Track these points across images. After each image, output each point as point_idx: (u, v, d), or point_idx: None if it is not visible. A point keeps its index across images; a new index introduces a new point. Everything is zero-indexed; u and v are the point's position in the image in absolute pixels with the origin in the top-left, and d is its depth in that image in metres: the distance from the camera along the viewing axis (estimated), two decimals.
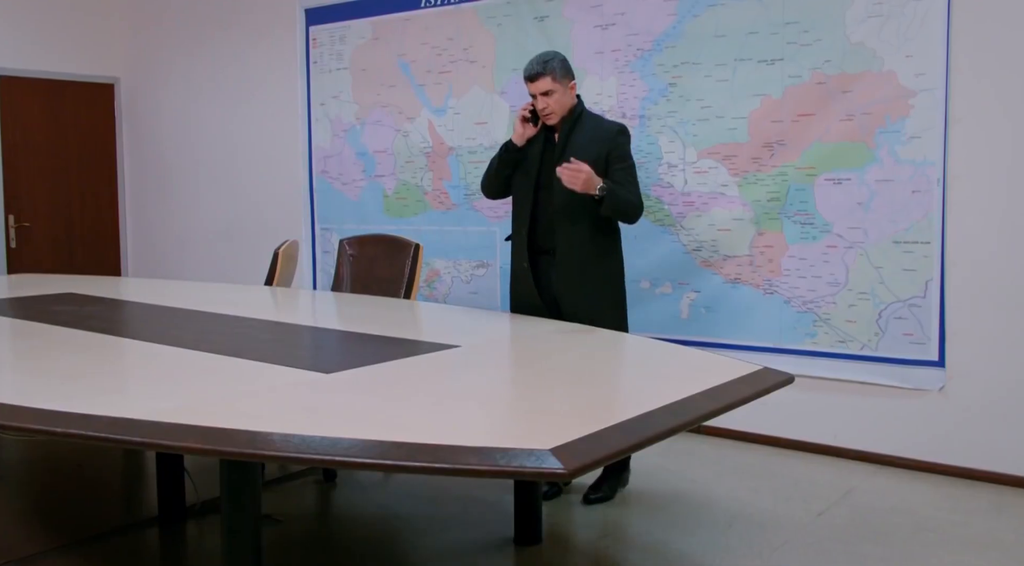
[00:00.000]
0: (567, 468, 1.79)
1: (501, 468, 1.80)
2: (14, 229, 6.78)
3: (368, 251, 4.48)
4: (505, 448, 1.87)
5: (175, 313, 3.69)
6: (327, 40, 5.92)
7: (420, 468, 1.82)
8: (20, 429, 2.14)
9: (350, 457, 1.86)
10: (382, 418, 2.15)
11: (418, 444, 1.90)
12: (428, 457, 1.84)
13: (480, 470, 1.81)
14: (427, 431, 2.02)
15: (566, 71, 3.68)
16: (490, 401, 2.30)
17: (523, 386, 2.45)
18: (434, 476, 3.18)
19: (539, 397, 2.34)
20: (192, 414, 2.14)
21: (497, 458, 1.82)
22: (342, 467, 1.89)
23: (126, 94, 7.32)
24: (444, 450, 1.87)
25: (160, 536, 3.49)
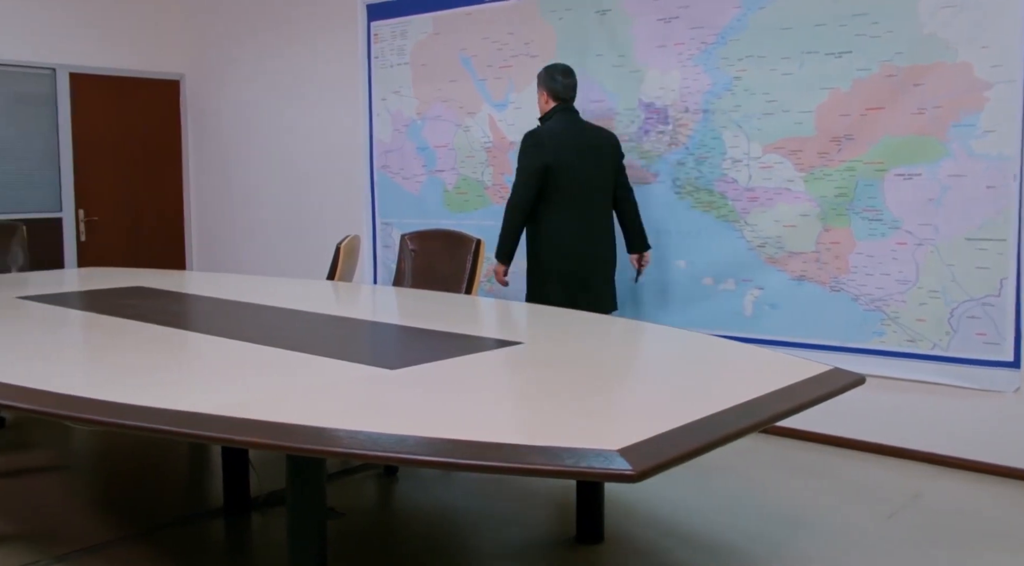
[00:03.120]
0: (635, 470, 1.76)
1: (568, 469, 1.78)
2: (84, 223, 6.93)
3: (429, 246, 4.49)
4: (572, 448, 1.85)
5: (240, 307, 3.73)
6: (388, 35, 5.95)
7: (487, 467, 1.81)
8: (92, 422, 2.17)
9: (417, 455, 1.86)
10: (447, 415, 2.14)
11: (485, 443, 1.89)
12: (495, 456, 1.83)
13: (547, 470, 1.79)
14: (493, 429, 2.01)
15: (541, 83, 4.50)
16: (555, 399, 2.28)
17: (588, 384, 2.42)
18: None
19: (605, 396, 2.32)
20: (259, 409, 2.15)
21: (564, 458, 1.80)
22: (408, 464, 1.89)
23: (191, 90, 7.44)
24: (511, 449, 1.86)
25: (225, 527, 3.53)
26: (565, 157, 4.32)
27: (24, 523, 3.50)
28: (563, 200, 4.36)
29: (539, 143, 4.33)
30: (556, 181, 4.32)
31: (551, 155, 4.31)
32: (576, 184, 4.36)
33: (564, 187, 4.34)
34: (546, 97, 4.46)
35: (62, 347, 3.16)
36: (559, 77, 4.43)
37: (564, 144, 4.34)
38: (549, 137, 4.35)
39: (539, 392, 2.35)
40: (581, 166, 4.37)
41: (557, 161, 4.31)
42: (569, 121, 4.43)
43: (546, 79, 4.45)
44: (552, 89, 4.44)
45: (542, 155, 4.31)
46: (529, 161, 4.33)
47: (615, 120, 4.92)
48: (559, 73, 4.44)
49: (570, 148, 4.35)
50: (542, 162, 4.30)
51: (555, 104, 4.44)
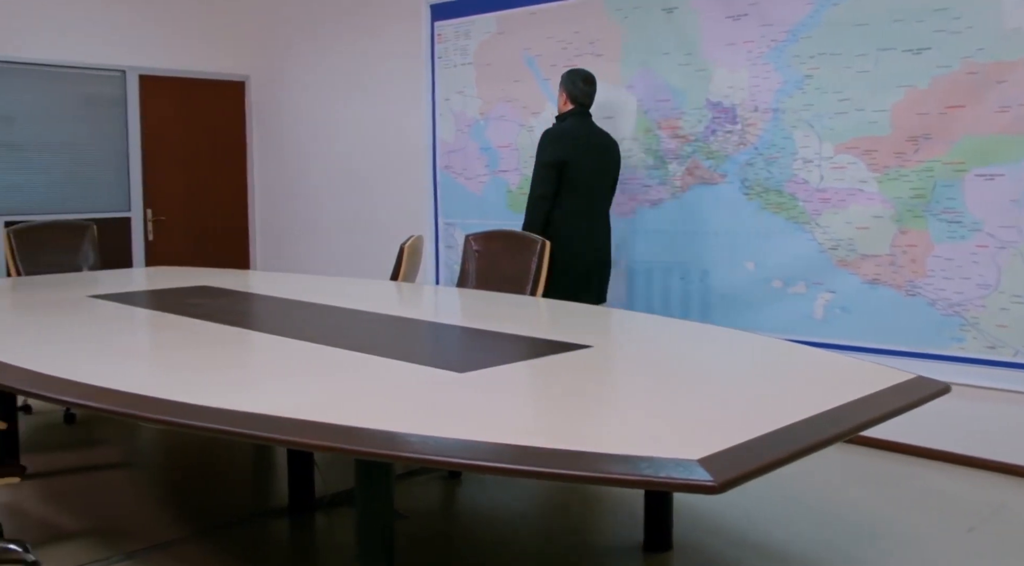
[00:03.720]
0: (717, 481, 1.70)
1: (646, 478, 1.72)
2: (151, 223, 7.03)
3: (494, 247, 4.45)
4: (650, 457, 1.79)
5: (305, 307, 3.73)
6: (452, 35, 5.93)
7: (562, 475, 1.76)
8: (162, 422, 2.17)
9: (489, 462, 1.82)
10: (518, 421, 2.10)
11: (559, 450, 1.84)
12: (570, 464, 1.78)
13: (625, 479, 1.73)
14: (566, 436, 1.96)
15: (563, 85, 4.71)
16: (628, 405, 2.22)
17: (661, 390, 2.36)
18: None
19: (679, 402, 2.25)
20: (327, 411, 2.13)
21: (642, 467, 1.75)
22: (481, 472, 1.84)
23: (256, 91, 7.51)
24: (586, 457, 1.81)
25: (289, 527, 3.53)
26: (578, 155, 4.56)
27: (94, 519, 3.54)
28: (574, 197, 4.58)
29: (556, 140, 4.57)
30: (569, 177, 4.55)
31: (566, 152, 4.54)
32: (586, 182, 4.60)
33: (576, 184, 4.57)
34: (565, 99, 4.71)
35: (131, 346, 3.19)
36: (580, 83, 4.67)
37: (577, 144, 4.58)
38: (564, 135, 4.58)
39: (611, 398, 2.30)
40: (591, 166, 4.61)
41: (571, 158, 4.54)
42: (583, 123, 4.66)
43: (568, 83, 4.69)
44: (572, 93, 4.68)
45: (558, 151, 4.54)
46: (547, 156, 4.56)
47: (681, 120, 4.84)
48: (581, 80, 4.67)
49: (582, 148, 4.59)
50: (558, 157, 4.53)
51: (572, 107, 4.68)
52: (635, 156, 5.05)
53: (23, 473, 2.93)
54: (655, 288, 5.04)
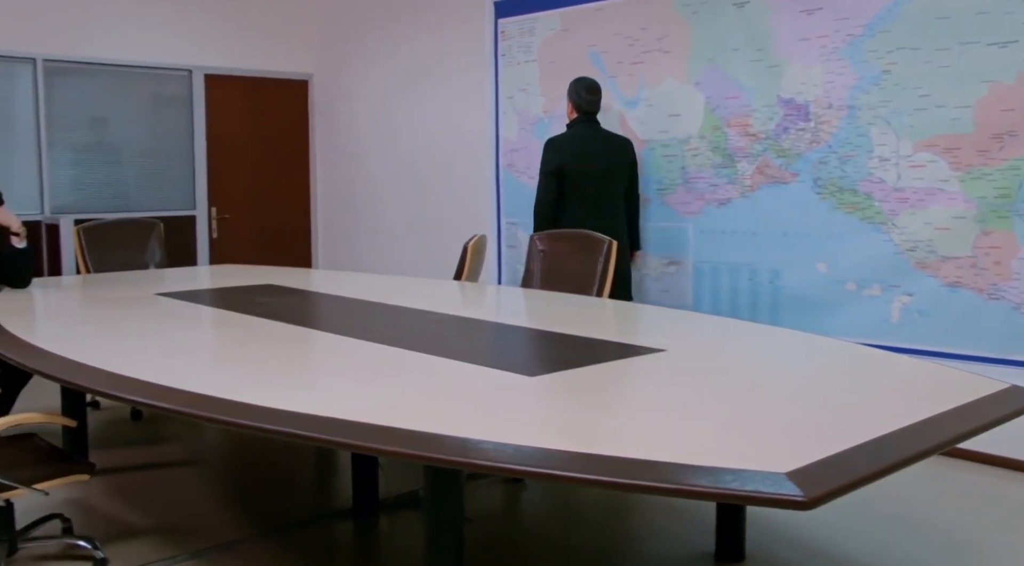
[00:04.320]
0: (807, 496, 1.61)
1: (733, 492, 1.64)
2: (216, 221, 7.09)
3: (560, 247, 4.38)
4: (735, 469, 1.71)
5: (371, 307, 3.70)
6: (516, 32, 5.87)
7: (644, 487, 1.69)
8: (228, 424, 2.14)
9: (568, 472, 1.75)
10: (594, 428, 2.03)
11: (639, 460, 1.77)
12: (652, 475, 1.70)
13: (709, 492, 1.66)
14: (644, 444, 1.88)
15: (568, 95, 4.94)
16: (707, 413, 2.14)
17: (741, 397, 2.27)
18: None
19: (761, 411, 2.16)
20: (397, 415, 2.08)
21: (727, 480, 1.67)
22: (559, 482, 1.78)
23: (319, 89, 7.53)
24: (668, 468, 1.73)
25: (353, 528, 3.50)
26: (578, 162, 4.78)
27: (160, 516, 3.55)
28: (576, 201, 4.77)
29: (554, 149, 4.84)
30: (569, 183, 4.77)
31: (564, 159, 4.78)
32: (589, 187, 4.78)
33: (578, 190, 4.77)
34: (571, 108, 4.93)
35: (198, 344, 3.18)
36: (583, 93, 4.87)
37: (578, 150, 4.81)
38: (564, 143, 4.85)
39: (689, 404, 2.21)
40: (593, 171, 4.80)
41: (569, 165, 4.76)
42: (587, 130, 4.88)
43: (573, 93, 4.91)
44: (576, 102, 4.89)
45: (555, 159, 4.79)
46: (545, 165, 4.83)
47: (752, 117, 4.72)
48: (584, 89, 4.88)
49: (583, 154, 4.80)
50: (555, 165, 4.78)
51: (578, 115, 4.89)
52: (702, 154, 4.95)
53: (92, 471, 2.94)
54: (722, 289, 4.93)
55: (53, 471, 2.87)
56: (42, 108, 6.26)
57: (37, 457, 2.99)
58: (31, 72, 6.22)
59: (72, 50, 6.36)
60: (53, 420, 2.89)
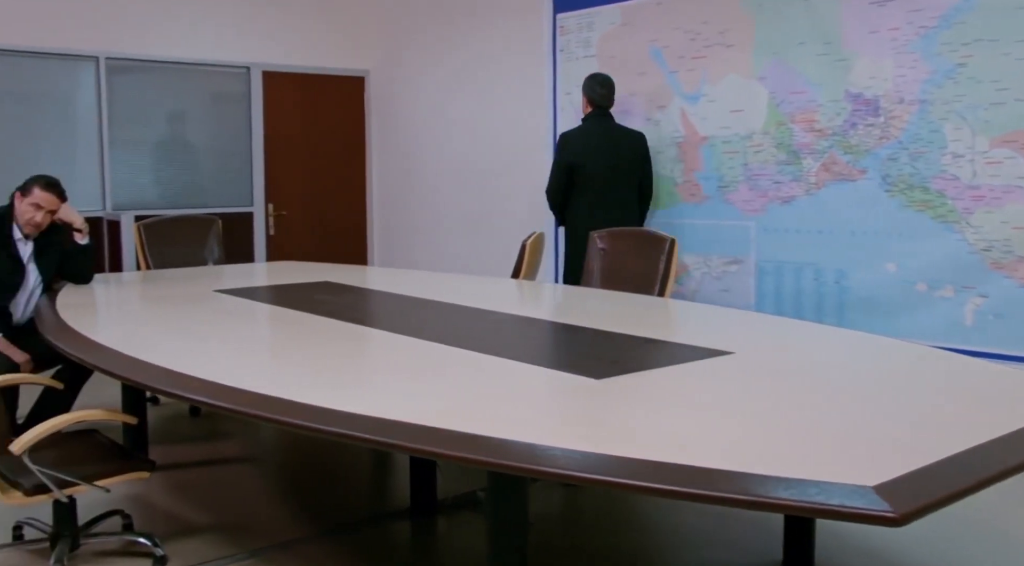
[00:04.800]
0: (898, 512, 1.52)
1: (818, 506, 1.55)
2: (272, 217, 7.11)
3: (620, 245, 4.30)
4: (819, 481, 1.63)
5: (430, 306, 3.66)
6: (574, 27, 5.79)
7: (725, 499, 1.61)
8: (288, 424, 2.10)
9: (639, 481, 1.68)
10: (664, 434, 1.95)
11: (716, 470, 1.69)
12: (731, 487, 1.63)
13: (795, 506, 1.57)
14: (719, 453, 1.81)
15: (583, 90, 5.10)
16: (781, 420, 2.05)
17: (815, 403, 2.18)
18: None
19: (838, 418, 2.07)
20: (461, 419, 2.03)
21: (813, 493, 1.58)
22: (631, 491, 1.70)
23: (375, 86, 7.52)
24: (748, 479, 1.65)
25: (411, 529, 3.47)
26: (588, 155, 4.92)
27: (218, 514, 3.54)
28: (586, 193, 4.94)
29: (565, 144, 5.02)
30: (579, 176, 4.92)
31: (574, 154, 4.94)
32: (599, 179, 4.93)
33: (586, 182, 4.93)
34: (586, 102, 5.07)
35: (256, 342, 3.16)
36: (597, 87, 5.02)
37: (589, 144, 4.95)
38: (575, 138, 4.99)
39: (762, 410, 2.13)
40: (604, 164, 4.94)
41: (580, 159, 4.92)
42: (600, 124, 5.02)
43: (587, 88, 5.05)
44: (591, 97, 5.03)
45: (566, 154, 4.97)
46: (556, 158, 5.05)
47: (818, 113, 4.59)
48: (598, 84, 5.03)
49: (594, 148, 4.94)
50: (566, 160, 4.96)
51: (592, 109, 5.03)
52: (766, 151, 4.82)
53: (153, 468, 2.93)
54: (785, 289, 4.81)
55: (114, 468, 2.88)
56: (104, 106, 6.33)
57: (99, 453, 3.00)
58: (94, 70, 6.29)
59: (133, 48, 6.42)
60: (114, 417, 2.89)
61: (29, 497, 2.73)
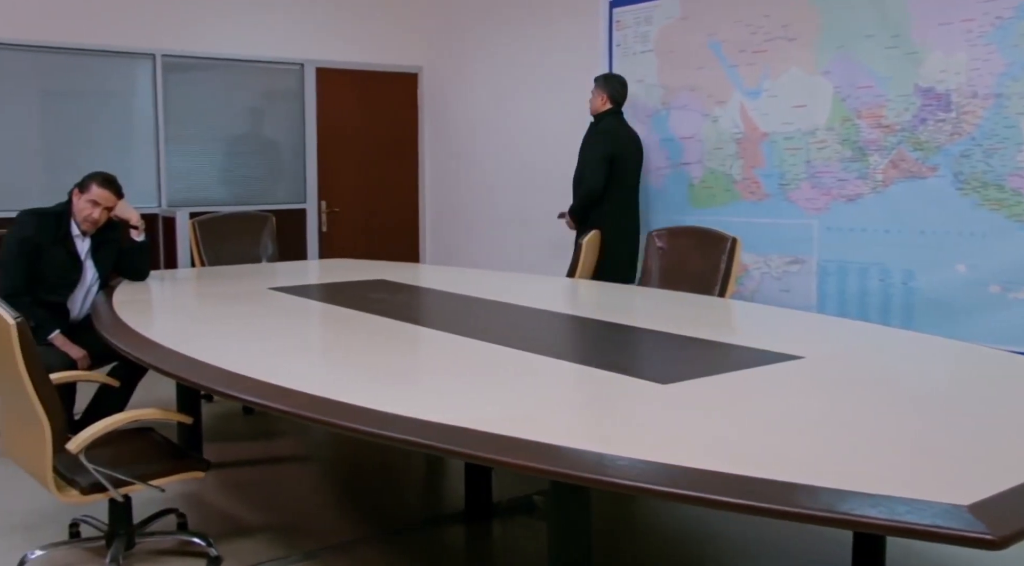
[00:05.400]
0: (995, 534, 1.42)
1: (909, 526, 1.45)
2: (325, 214, 7.11)
3: (679, 244, 4.20)
4: (907, 499, 1.53)
5: (485, 305, 3.59)
6: (631, 21, 5.69)
7: (806, 516, 1.52)
8: (345, 428, 2.04)
9: (717, 495, 1.59)
10: (736, 444, 1.86)
11: (796, 484, 1.60)
12: (814, 502, 1.53)
13: (884, 525, 1.47)
14: (794, 465, 1.71)
15: (602, 87, 5.23)
16: (859, 431, 1.95)
17: (896, 414, 2.07)
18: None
19: (922, 429, 1.96)
20: (523, 425, 1.95)
21: (902, 512, 1.48)
22: (707, 506, 1.61)
23: (428, 82, 7.48)
24: (832, 495, 1.56)
25: (466, 533, 3.41)
26: (622, 150, 5.11)
27: (272, 514, 3.51)
28: (617, 189, 5.10)
29: (606, 136, 5.11)
30: (617, 170, 5.07)
31: (615, 145, 5.09)
32: (626, 174, 5.14)
33: (618, 177, 5.09)
34: (604, 99, 5.20)
35: (311, 342, 3.12)
36: (618, 86, 5.21)
37: (619, 139, 5.14)
38: (612, 132, 5.12)
39: (838, 420, 2.02)
40: (629, 159, 5.16)
41: (618, 152, 5.08)
42: (620, 122, 5.21)
43: (607, 85, 5.21)
44: (612, 95, 5.19)
45: (609, 145, 5.07)
46: (600, 150, 5.07)
47: (886, 107, 4.44)
48: (618, 83, 5.23)
49: (622, 144, 5.15)
50: (609, 152, 5.05)
51: (611, 106, 5.18)
52: (830, 147, 4.68)
53: (207, 468, 2.90)
54: (849, 290, 4.66)
55: (169, 467, 2.85)
56: (160, 103, 6.36)
57: (154, 452, 2.98)
58: (150, 68, 6.32)
59: (189, 46, 6.44)
60: (169, 417, 2.87)
61: (85, 496, 2.71)
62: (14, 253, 3.83)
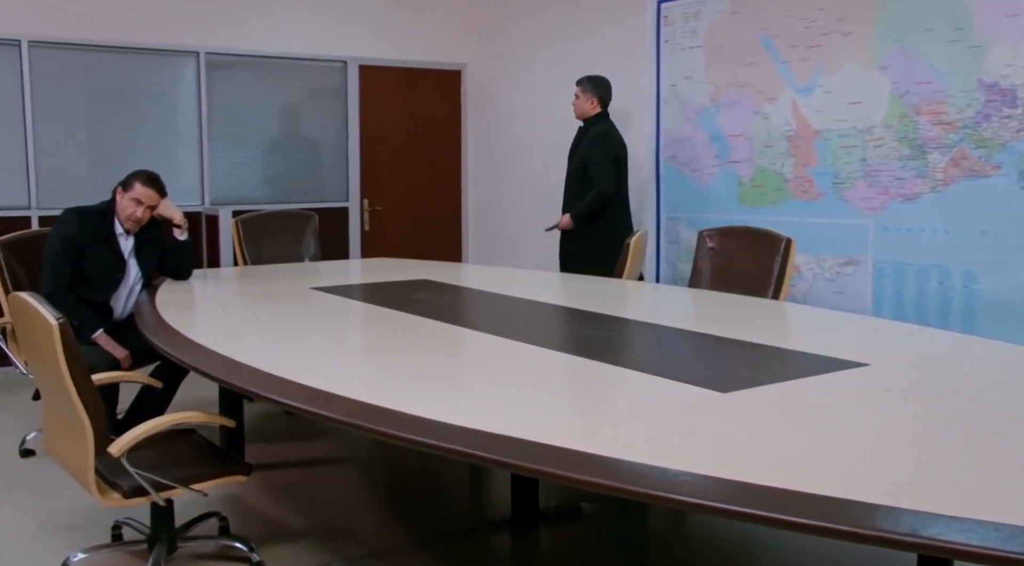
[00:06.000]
0: None
1: (1007, 554, 1.34)
2: (368, 212, 7.06)
3: (731, 244, 4.08)
4: (999, 523, 1.41)
5: (533, 306, 3.50)
6: (680, 17, 5.56)
7: (889, 541, 1.41)
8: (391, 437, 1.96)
9: (788, 515, 1.49)
10: (803, 458, 1.75)
11: (871, 504, 1.49)
12: (894, 525, 1.42)
13: (976, 553, 1.36)
14: (868, 483, 1.60)
15: (590, 90, 5.23)
16: (938, 447, 1.83)
17: (974, 428, 1.95)
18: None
19: (1006, 447, 1.84)
20: (580, 437, 1.86)
21: (993, 539, 1.37)
22: (784, 527, 1.51)
23: (472, 80, 7.40)
24: (912, 518, 1.45)
25: (512, 542, 3.32)
26: (622, 153, 5.19)
27: (314, 518, 3.45)
28: (622, 189, 5.20)
29: (611, 138, 5.16)
30: (617, 172, 5.13)
31: (618, 148, 5.18)
32: (626, 176, 5.24)
33: (623, 178, 5.20)
34: (594, 102, 5.22)
35: (355, 344, 3.05)
36: (606, 87, 5.24)
37: (619, 142, 5.21)
38: (612, 134, 5.18)
39: (911, 433, 1.91)
40: (625, 161, 5.22)
41: (620, 155, 5.16)
42: (611, 124, 5.24)
43: (596, 88, 5.22)
44: (602, 97, 5.22)
45: (613, 147, 5.14)
46: (607, 153, 5.09)
47: (946, 104, 4.28)
48: (605, 84, 5.25)
49: (622, 146, 5.22)
50: (614, 153, 5.13)
51: (600, 110, 5.22)
52: (887, 145, 4.53)
53: (249, 472, 2.84)
54: (906, 292, 4.51)
55: (211, 471, 2.79)
56: (204, 101, 6.35)
57: (196, 455, 2.93)
58: (194, 65, 6.31)
59: (233, 43, 6.42)
60: (212, 420, 2.81)
61: (127, 499, 2.66)
62: (58, 252, 3.81)
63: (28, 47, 5.71)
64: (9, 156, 5.73)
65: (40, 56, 5.77)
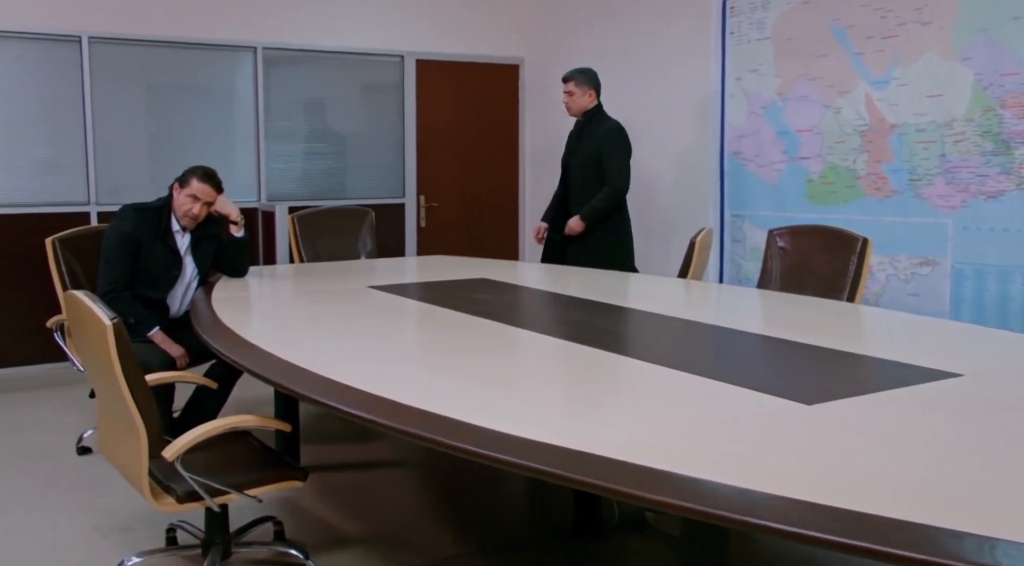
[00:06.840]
0: None
1: None
2: (424, 209, 6.98)
3: (803, 244, 3.91)
4: None
5: (597, 308, 3.37)
6: (747, 8, 5.38)
7: None
8: (452, 448, 1.85)
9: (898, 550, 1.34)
10: (900, 481, 1.60)
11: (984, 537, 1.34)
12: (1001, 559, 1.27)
13: None
14: (971, 510, 1.45)
15: (586, 83, 5.03)
16: None
17: None
18: None
19: None
20: (656, 453, 1.73)
21: None
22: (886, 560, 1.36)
23: (530, 74, 7.28)
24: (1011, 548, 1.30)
25: (574, 552, 3.19)
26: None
27: (369, 524, 3.37)
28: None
29: (621, 135, 5.01)
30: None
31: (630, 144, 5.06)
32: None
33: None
34: (592, 95, 5.07)
35: (414, 347, 2.95)
36: (599, 80, 5.10)
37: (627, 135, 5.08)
38: (622, 128, 5.03)
39: (1018, 455, 1.74)
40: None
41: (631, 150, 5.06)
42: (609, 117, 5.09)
43: (592, 80, 5.07)
44: (597, 89, 5.09)
45: (628, 143, 5.03)
46: (624, 150, 4.99)
47: None
48: (596, 76, 5.10)
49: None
50: (630, 149, 5.04)
51: (597, 102, 5.09)
52: (969, 140, 4.32)
53: (305, 477, 2.76)
54: (988, 295, 4.29)
55: (267, 476, 2.71)
56: (261, 96, 6.31)
57: (251, 458, 2.85)
58: (251, 60, 6.28)
59: (290, 38, 6.38)
60: (267, 424, 2.73)
61: (181, 504, 2.59)
62: (115, 248, 3.77)
63: (88, 43, 5.72)
64: (69, 152, 5.75)
65: (100, 52, 5.78)
